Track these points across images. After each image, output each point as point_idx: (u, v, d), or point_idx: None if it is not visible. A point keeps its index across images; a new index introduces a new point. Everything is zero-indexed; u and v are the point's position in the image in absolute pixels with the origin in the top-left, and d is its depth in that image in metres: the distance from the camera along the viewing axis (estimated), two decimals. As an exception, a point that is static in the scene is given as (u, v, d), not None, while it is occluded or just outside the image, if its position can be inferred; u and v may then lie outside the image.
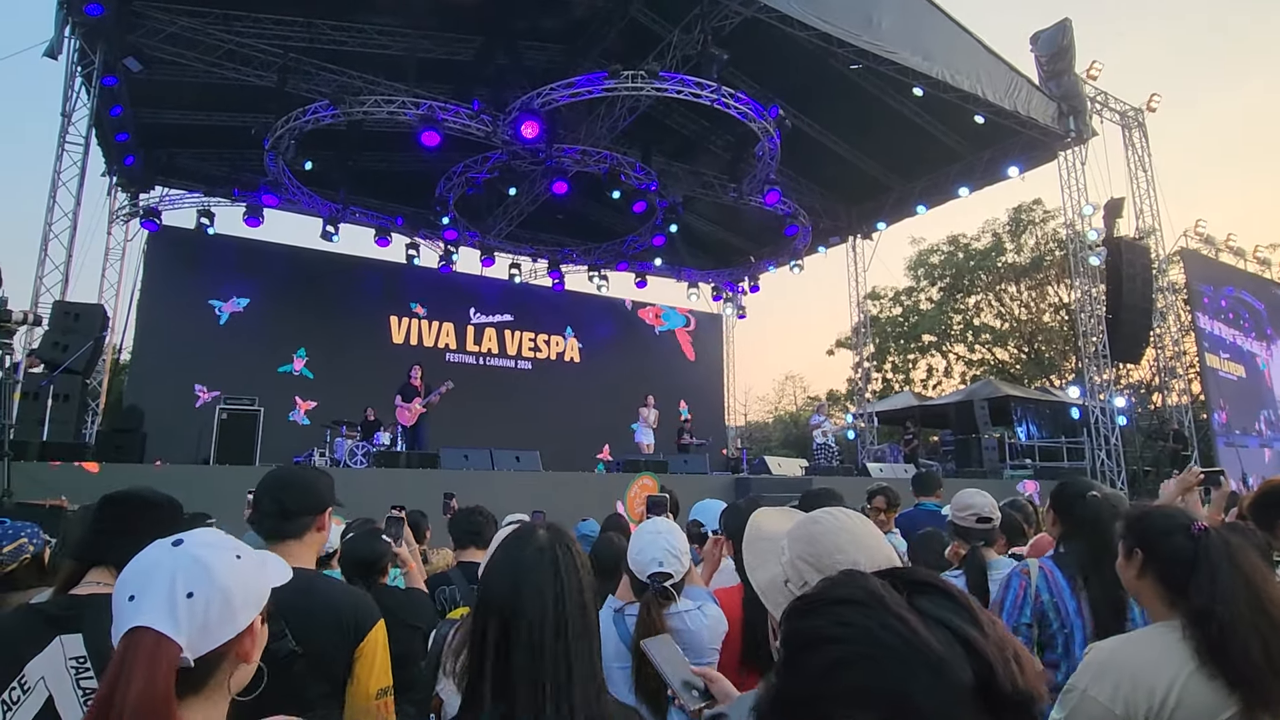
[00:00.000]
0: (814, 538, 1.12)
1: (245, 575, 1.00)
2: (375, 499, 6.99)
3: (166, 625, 0.89)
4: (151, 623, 0.89)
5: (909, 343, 30.14)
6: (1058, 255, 24.69)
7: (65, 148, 9.84)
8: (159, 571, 0.93)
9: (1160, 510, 1.64)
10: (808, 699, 0.61)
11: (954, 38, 11.86)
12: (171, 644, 0.89)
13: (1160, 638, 1.48)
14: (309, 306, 14.37)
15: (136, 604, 0.91)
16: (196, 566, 0.95)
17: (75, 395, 7.89)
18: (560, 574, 1.17)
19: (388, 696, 1.70)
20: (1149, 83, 28.42)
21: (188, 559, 0.95)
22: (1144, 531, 1.57)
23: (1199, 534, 1.47)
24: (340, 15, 10.92)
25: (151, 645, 0.88)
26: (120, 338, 13.29)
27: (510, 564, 1.19)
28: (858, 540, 1.10)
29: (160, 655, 0.88)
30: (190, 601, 0.92)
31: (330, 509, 1.87)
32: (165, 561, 0.95)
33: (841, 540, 1.10)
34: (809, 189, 15.90)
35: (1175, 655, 1.41)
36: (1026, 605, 2.11)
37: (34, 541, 2.40)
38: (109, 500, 1.65)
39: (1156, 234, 15.00)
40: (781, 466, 12.42)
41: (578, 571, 1.19)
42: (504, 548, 1.23)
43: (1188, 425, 14.70)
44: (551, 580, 1.16)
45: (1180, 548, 1.48)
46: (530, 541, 1.21)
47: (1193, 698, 1.37)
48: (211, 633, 0.94)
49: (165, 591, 0.91)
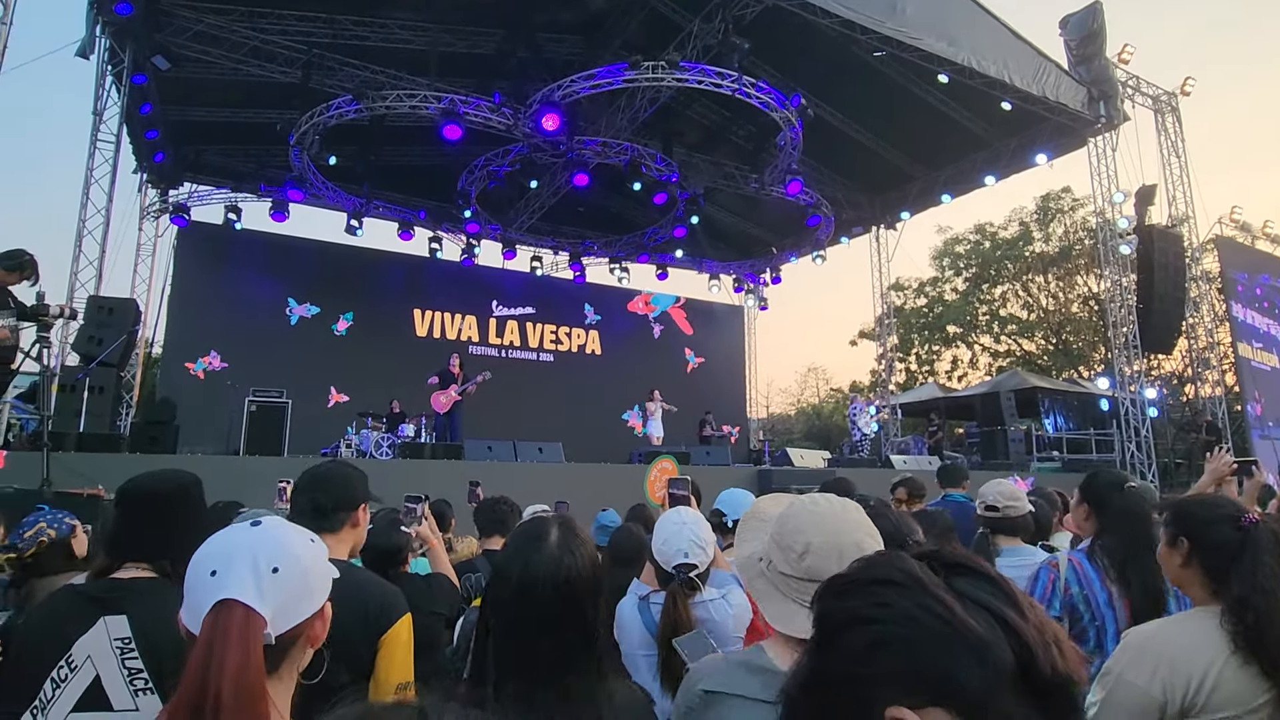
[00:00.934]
0: (784, 518, 1.19)
1: (319, 558, 1.02)
2: (400, 490, 7.07)
3: (253, 599, 0.90)
4: (239, 595, 0.89)
5: (933, 334, 29.76)
6: (1087, 244, 24.21)
7: (97, 145, 10.05)
8: (240, 549, 0.94)
9: (1209, 500, 1.64)
10: (845, 679, 0.61)
11: (980, 22, 11.64)
12: (259, 617, 0.90)
13: (1198, 623, 1.49)
14: (334, 300, 14.56)
15: (220, 579, 0.91)
16: (277, 545, 0.97)
17: (110, 388, 8.08)
18: (565, 577, 1.22)
19: (408, 691, 1.72)
20: (1183, 66, 27.68)
21: (269, 538, 0.97)
22: (1191, 521, 1.58)
23: (1248, 525, 1.48)
24: (362, 10, 11.00)
25: (242, 617, 0.88)
26: (152, 331, 13.58)
27: (519, 560, 1.24)
28: (821, 523, 1.15)
29: (250, 627, 0.88)
30: (275, 576, 0.93)
31: (365, 504, 1.90)
32: (245, 540, 0.96)
33: (803, 522, 1.16)
34: (831, 179, 15.73)
35: (1213, 640, 1.42)
36: (1055, 598, 2.10)
37: (54, 525, 2.45)
38: (126, 496, 1.68)
39: (1190, 221, 14.66)
40: (804, 458, 12.36)
41: (581, 568, 1.24)
42: (515, 543, 1.29)
43: (1221, 417, 14.38)
44: (556, 582, 1.21)
45: (1227, 538, 1.49)
46: (542, 543, 1.26)
47: (1229, 683, 1.38)
48: (290, 611, 0.95)
49: (249, 566, 0.92)
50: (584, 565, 1.24)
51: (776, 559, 1.17)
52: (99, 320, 8.11)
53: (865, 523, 1.18)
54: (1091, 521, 2.27)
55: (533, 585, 1.20)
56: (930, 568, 0.65)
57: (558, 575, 1.21)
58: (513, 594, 1.21)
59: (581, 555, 1.26)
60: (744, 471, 10.66)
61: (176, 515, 1.65)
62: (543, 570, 1.22)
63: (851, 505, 1.20)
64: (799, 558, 1.13)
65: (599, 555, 1.34)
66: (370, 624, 1.69)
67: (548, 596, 1.19)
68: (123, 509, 1.67)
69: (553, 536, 1.27)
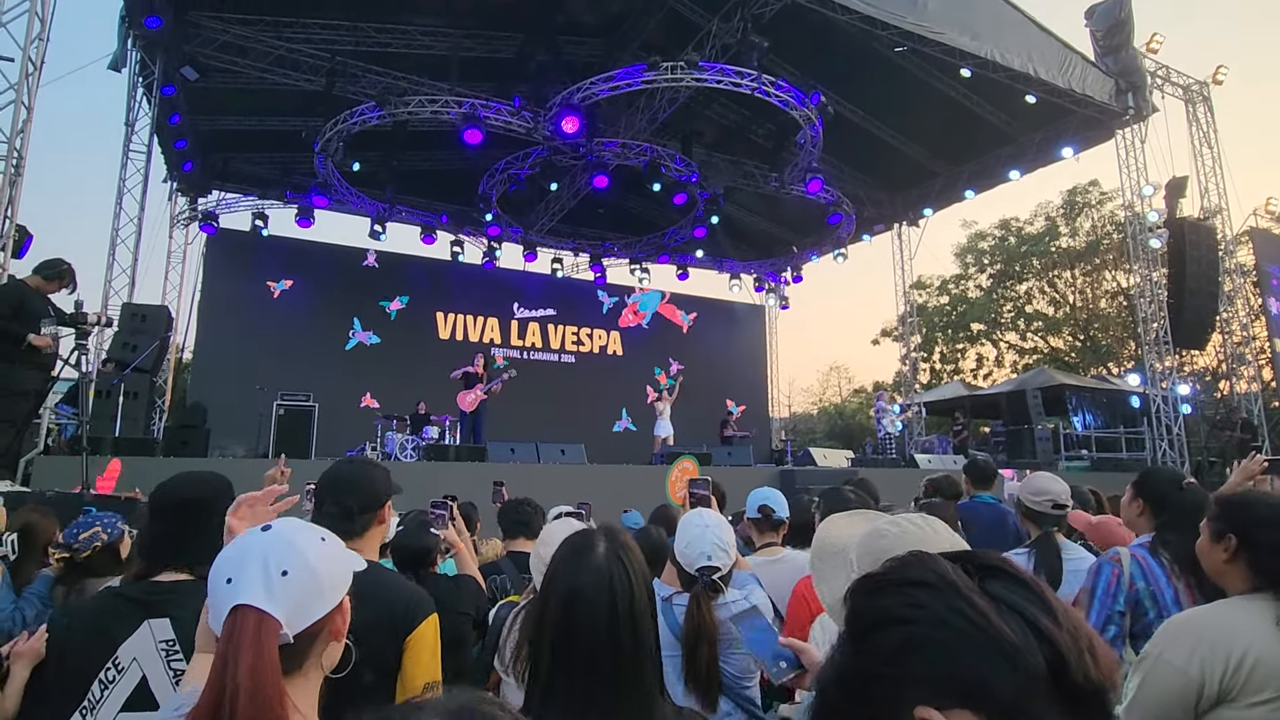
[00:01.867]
0: (880, 552, 1.07)
1: (331, 555, 1.05)
2: (425, 492, 7.16)
3: (265, 602, 0.94)
4: (251, 600, 0.93)
5: (957, 332, 29.37)
6: (1115, 238, 23.75)
7: (129, 155, 10.31)
8: (252, 554, 0.98)
9: (1266, 500, 1.62)
10: (875, 678, 0.61)
11: (1003, 15, 11.49)
12: (272, 619, 0.93)
13: (1239, 606, 1.50)
14: (359, 303, 14.77)
15: (234, 586, 0.95)
16: (286, 547, 0.99)
17: (144, 393, 8.28)
18: (616, 594, 1.17)
19: (435, 690, 1.74)
20: (1215, 55, 27.02)
21: (278, 541, 1.00)
22: (1248, 520, 1.57)
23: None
24: (384, 18, 11.15)
25: (255, 622, 0.92)
26: (183, 337, 13.87)
27: (568, 580, 1.19)
28: (925, 549, 1.08)
29: (263, 630, 0.92)
30: (285, 579, 0.96)
31: (390, 501, 1.93)
32: (256, 545, 0.99)
33: (897, 550, 1.07)
34: (852, 176, 15.61)
35: (1254, 619, 1.43)
36: (1120, 593, 2.07)
37: (108, 530, 2.53)
38: (160, 502, 1.70)
39: (1223, 213, 14.33)
40: (827, 458, 12.28)
41: (633, 587, 1.19)
42: (562, 561, 1.24)
43: (1258, 414, 14.04)
44: (608, 602, 1.16)
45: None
46: (589, 558, 1.21)
47: (1272, 661, 1.37)
48: (305, 609, 0.98)
49: (260, 571, 0.96)
50: (635, 578, 1.20)
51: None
52: (133, 327, 8.32)
53: (957, 540, 1.12)
54: (1146, 518, 2.26)
55: (582, 600, 1.16)
56: (964, 570, 0.65)
57: (608, 589, 1.17)
58: (561, 609, 1.17)
59: (632, 567, 1.21)
60: (766, 471, 10.62)
61: (210, 520, 1.66)
62: (592, 585, 1.17)
63: (939, 525, 1.14)
64: None
65: (646, 565, 1.29)
66: (397, 624, 1.71)
67: (598, 612, 1.15)
68: (156, 515, 1.70)
69: (600, 549, 1.23)
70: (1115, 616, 2.03)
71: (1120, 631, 2.02)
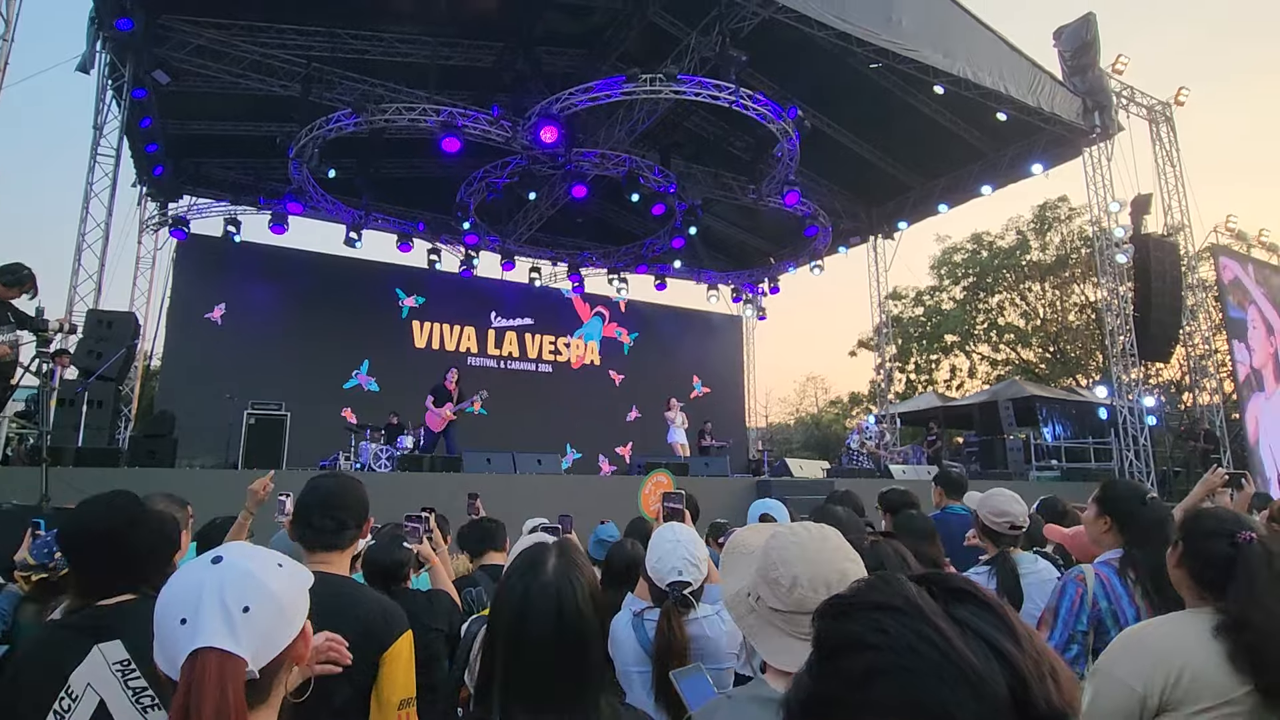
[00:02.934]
0: (768, 551, 1.18)
1: (290, 581, 1.00)
2: (400, 503, 7.07)
3: (228, 643, 0.88)
4: (212, 642, 0.87)
5: (931, 343, 29.80)
6: (1083, 253, 24.29)
7: (97, 159, 10.11)
8: (206, 591, 0.91)
9: (1215, 513, 1.66)
10: (840, 703, 0.61)
11: (975, 34, 11.73)
12: (238, 660, 0.88)
13: (1185, 621, 1.54)
14: (333, 311, 14.58)
15: (191, 626, 0.88)
16: (245, 580, 0.93)
17: (109, 401, 8.08)
18: (563, 608, 1.20)
19: (410, 708, 1.72)
20: (1177, 77, 27.88)
21: (235, 574, 0.94)
22: (1191, 528, 1.63)
23: (1244, 541, 1.51)
24: (362, 24, 11.09)
25: (217, 665, 0.87)
26: (151, 344, 13.59)
27: (518, 594, 1.24)
28: (805, 554, 1.14)
29: (228, 673, 0.87)
30: (248, 616, 0.91)
31: (371, 518, 1.94)
32: (210, 580, 0.92)
33: (788, 554, 1.15)
34: (829, 189, 15.81)
35: (1199, 636, 1.47)
36: (1084, 612, 2.09)
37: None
38: (69, 544, 1.59)
39: (1185, 230, 14.71)
40: (803, 469, 12.35)
41: (579, 602, 1.22)
42: (516, 573, 1.28)
43: (1219, 425, 14.39)
44: (554, 616, 1.20)
45: (1216, 551, 1.53)
46: (539, 573, 1.25)
47: (1208, 674, 1.42)
48: (271, 642, 0.94)
49: (218, 609, 0.90)
50: (583, 595, 1.23)
51: (765, 594, 1.16)
52: (98, 334, 8.13)
53: (847, 548, 1.19)
54: (1113, 534, 2.24)
55: (530, 615, 1.20)
56: (930, 593, 0.65)
57: (555, 605, 1.20)
58: (510, 623, 1.21)
59: (580, 584, 1.24)
60: (743, 482, 10.65)
61: (134, 548, 1.59)
62: (539, 600, 1.21)
63: (831, 532, 1.20)
64: (788, 591, 1.13)
65: (598, 581, 1.32)
66: (371, 641, 1.70)
67: (545, 627, 1.19)
68: (69, 551, 1.61)
69: (550, 564, 1.26)
70: (1078, 635, 2.07)
71: (1083, 650, 2.06)
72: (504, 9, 10.88)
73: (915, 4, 11.00)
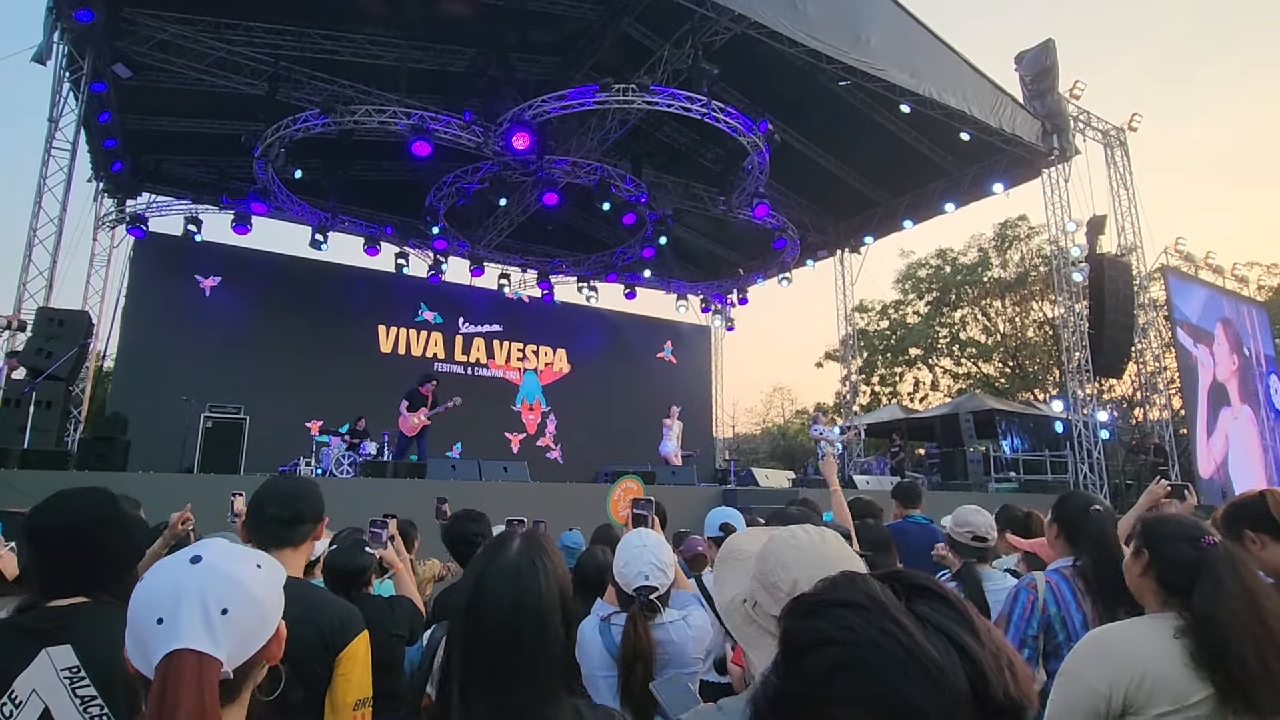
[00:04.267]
0: (765, 555, 1.14)
1: (269, 582, 1.00)
2: (362, 509, 6.94)
3: (207, 645, 0.88)
4: (191, 644, 0.88)
5: (896, 356, 30.36)
6: (1042, 271, 24.99)
7: (52, 153, 9.79)
8: (186, 592, 0.91)
9: (1177, 519, 1.73)
10: (807, 699, 0.63)
11: (940, 56, 12.05)
12: (214, 662, 0.89)
13: (1148, 625, 1.58)
14: (296, 314, 14.31)
15: (169, 627, 0.88)
16: (225, 582, 0.93)
17: (58, 402, 7.81)
18: (521, 589, 1.17)
19: (365, 708, 1.72)
20: (1130, 103, 28.97)
21: (216, 576, 0.93)
22: (1155, 535, 1.66)
23: (1207, 545, 1.55)
24: (332, 25, 10.95)
25: (194, 666, 0.87)
26: (104, 345, 13.17)
27: (475, 573, 1.21)
28: (804, 558, 1.11)
29: (205, 675, 0.87)
30: (226, 618, 0.91)
31: (325, 518, 1.91)
32: (190, 581, 0.92)
33: (787, 559, 1.11)
34: (798, 203, 16.03)
35: (1161, 640, 1.51)
36: (1034, 617, 2.16)
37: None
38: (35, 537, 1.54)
39: (1138, 251, 15.24)
40: (769, 478, 12.44)
41: (540, 583, 1.19)
42: (480, 554, 1.25)
43: (1168, 439, 14.89)
44: (512, 592, 1.16)
45: (1183, 555, 1.57)
46: (501, 553, 1.22)
47: (1168, 680, 1.46)
48: (247, 643, 0.94)
49: (199, 611, 0.90)
50: (544, 579, 1.20)
51: (763, 601, 1.13)
52: (49, 332, 7.86)
53: (846, 550, 1.16)
54: (1063, 542, 2.34)
55: (486, 598, 1.16)
56: (892, 589, 0.67)
57: (514, 588, 1.17)
58: (466, 606, 1.17)
59: (543, 567, 1.21)
60: (709, 491, 10.70)
61: (101, 546, 1.54)
62: (496, 582, 1.17)
63: (830, 534, 1.17)
64: (788, 595, 1.07)
65: (567, 571, 1.29)
66: (327, 642, 1.69)
67: (503, 610, 1.15)
68: (34, 544, 1.54)
69: (513, 547, 1.23)
70: (1029, 640, 2.14)
71: (1034, 653, 2.13)
72: (477, 15, 10.84)
73: (884, 24, 11.27)
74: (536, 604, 1.16)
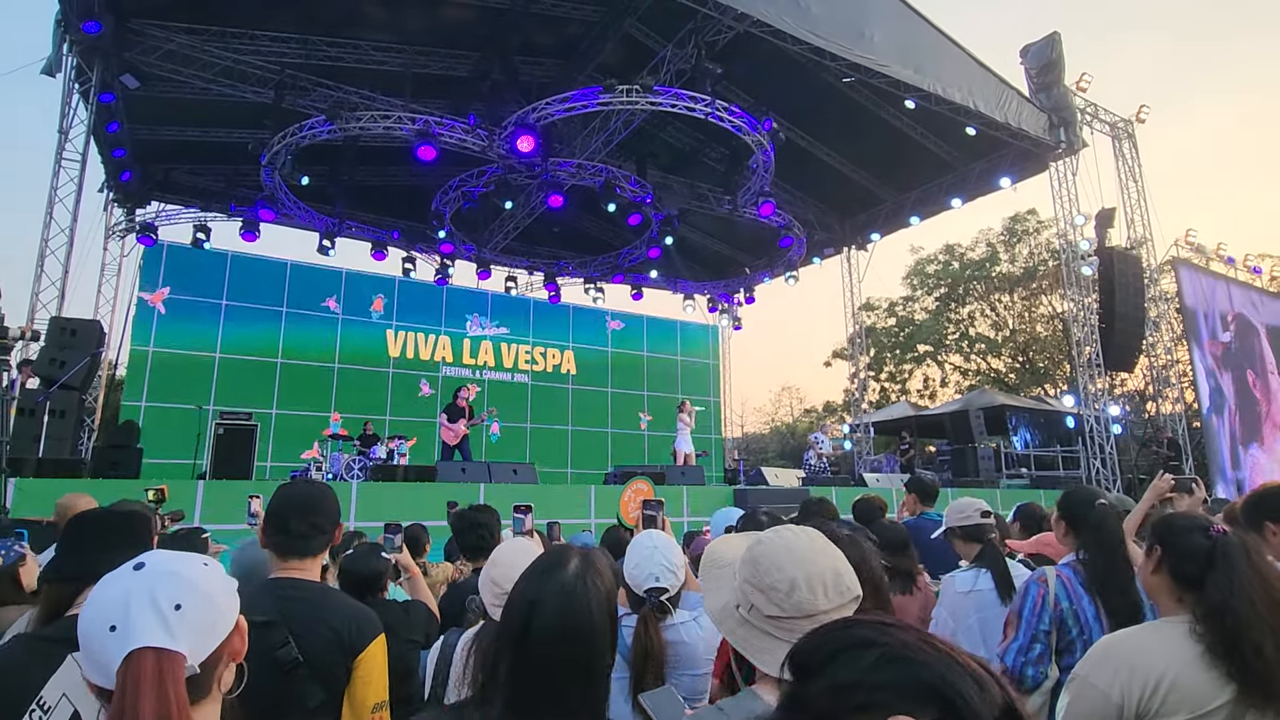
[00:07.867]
0: (756, 558, 1.14)
1: (218, 578, 1.00)
2: (373, 513, 6.99)
3: (164, 640, 0.88)
4: (150, 642, 0.87)
5: (904, 353, 30.22)
6: (1051, 265, 24.85)
7: (62, 164, 9.89)
8: (135, 595, 0.91)
9: (1183, 514, 1.72)
10: (854, 688, 0.63)
11: (945, 51, 12.00)
12: (175, 655, 0.88)
13: (1163, 629, 1.55)
14: (304, 320, 14.39)
15: (122, 631, 0.88)
16: (172, 579, 0.93)
17: (72, 411, 7.89)
18: (577, 613, 1.15)
19: (383, 711, 1.73)
20: (1138, 94, 28.76)
21: (159, 575, 0.93)
22: (1165, 529, 1.65)
23: (1217, 535, 1.54)
24: (337, 32, 11.01)
25: (154, 662, 0.86)
26: (116, 353, 13.28)
27: (531, 593, 1.17)
28: (798, 557, 1.11)
29: (166, 669, 0.86)
30: (180, 613, 0.91)
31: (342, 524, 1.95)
32: (137, 585, 0.92)
33: (781, 559, 1.12)
34: (803, 201, 16.00)
35: (1176, 645, 1.48)
36: (1045, 612, 2.14)
37: (2, 553, 2.39)
38: (81, 518, 1.63)
39: (1148, 244, 15.13)
40: (779, 477, 12.42)
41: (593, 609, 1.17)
42: (534, 573, 1.22)
43: (1181, 433, 14.76)
44: (566, 616, 1.15)
45: (1196, 545, 1.55)
46: (557, 575, 1.19)
47: (1186, 686, 1.43)
48: (207, 636, 0.94)
49: (150, 610, 0.89)
50: (598, 601, 1.18)
51: (759, 602, 1.12)
52: (61, 342, 7.94)
53: (832, 547, 1.16)
54: (1070, 538, 2.33)
55: (541, 615, 1.14)
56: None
57: (568, 605, 1.15)
58: (519, 624, 1.15)
59: (596, 590, 1.19)
60: (720, 491, 10.69)
61: (134, 537, 1.61)
62: (553, 600, 1.16)
63: (814, 532, 1.18)
64: (786, 595, 1.10)
65: (616, 591, 1.27)
66: (345, 645, 1.70)
67: (555, 631, 1.13)
68: (73, 534, 1.61)
69: (571, 568, 1.20)
70: (1041, 635, 2.11)
71: (1046, 648, 2.10)
72: (480, 19, 10.88)
73: (887, 20, 11.23)
74: (589, 628, 1.15)
